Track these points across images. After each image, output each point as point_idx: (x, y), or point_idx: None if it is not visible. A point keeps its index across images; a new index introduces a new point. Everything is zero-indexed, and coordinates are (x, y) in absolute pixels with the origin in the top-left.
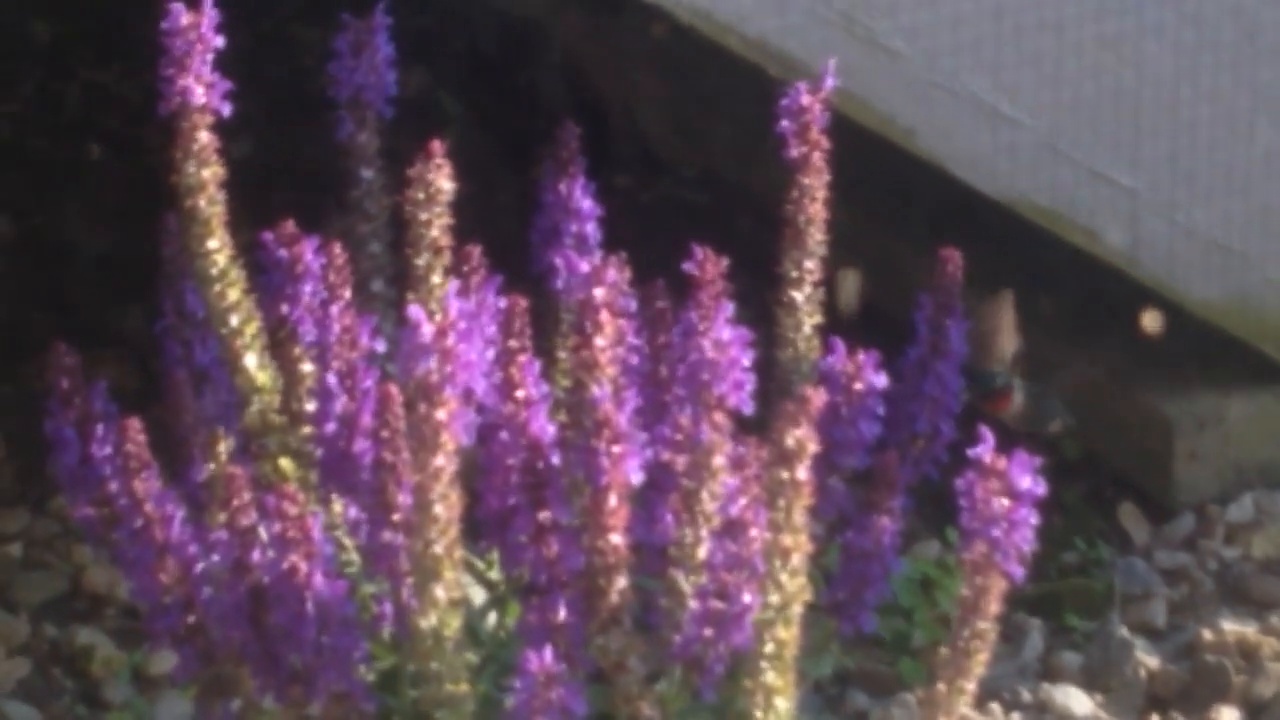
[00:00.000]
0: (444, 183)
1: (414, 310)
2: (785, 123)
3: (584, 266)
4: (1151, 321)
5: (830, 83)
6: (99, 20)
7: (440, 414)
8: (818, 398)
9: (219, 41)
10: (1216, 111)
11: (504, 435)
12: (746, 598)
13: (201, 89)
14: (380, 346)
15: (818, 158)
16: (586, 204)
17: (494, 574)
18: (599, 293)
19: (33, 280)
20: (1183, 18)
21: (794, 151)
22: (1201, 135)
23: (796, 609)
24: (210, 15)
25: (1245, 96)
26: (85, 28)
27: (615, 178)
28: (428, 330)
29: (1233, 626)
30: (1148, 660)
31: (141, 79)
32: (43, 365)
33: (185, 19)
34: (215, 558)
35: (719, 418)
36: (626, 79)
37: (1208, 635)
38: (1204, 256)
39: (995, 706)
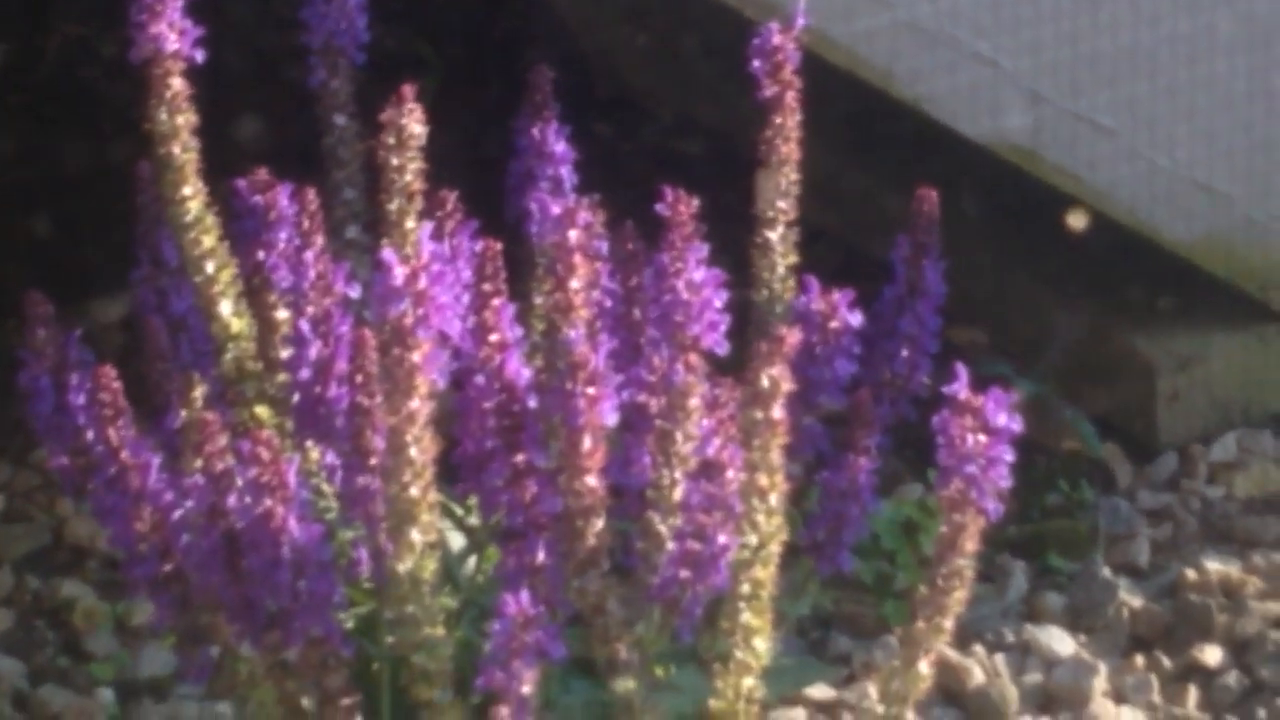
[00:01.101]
0: (416, 127)
1: (386, 253)
2: (757, 62)
3: (557, 209)
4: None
5: (801, 22)
6: None
7: (414, 357)
8: (792, 336)
9: None
10: (1197, 52)
11: (479, 379)
12: (723, 539)
13: (174, 36)
14: (355, 292)
15: (790, 97)
16: (560, 148)
17: (471, 518)
18: (572, 235)
19: (11, 233)
20: None
21: (766, 91)
22: (1181, 76)
23: (774, 549)
24: None
25: (1226, 37)
26: None
27: (595, 125)
28: (400, 273)
29: (1216, 566)
30: (1131, 600)
31: (121, 33)
32: (19, 317)
33: None
34: (191, 504)
35: (693, 359)
36: (604, 25)
37: (1191, 575)
38: (1185, 197)
39: (979, 648)
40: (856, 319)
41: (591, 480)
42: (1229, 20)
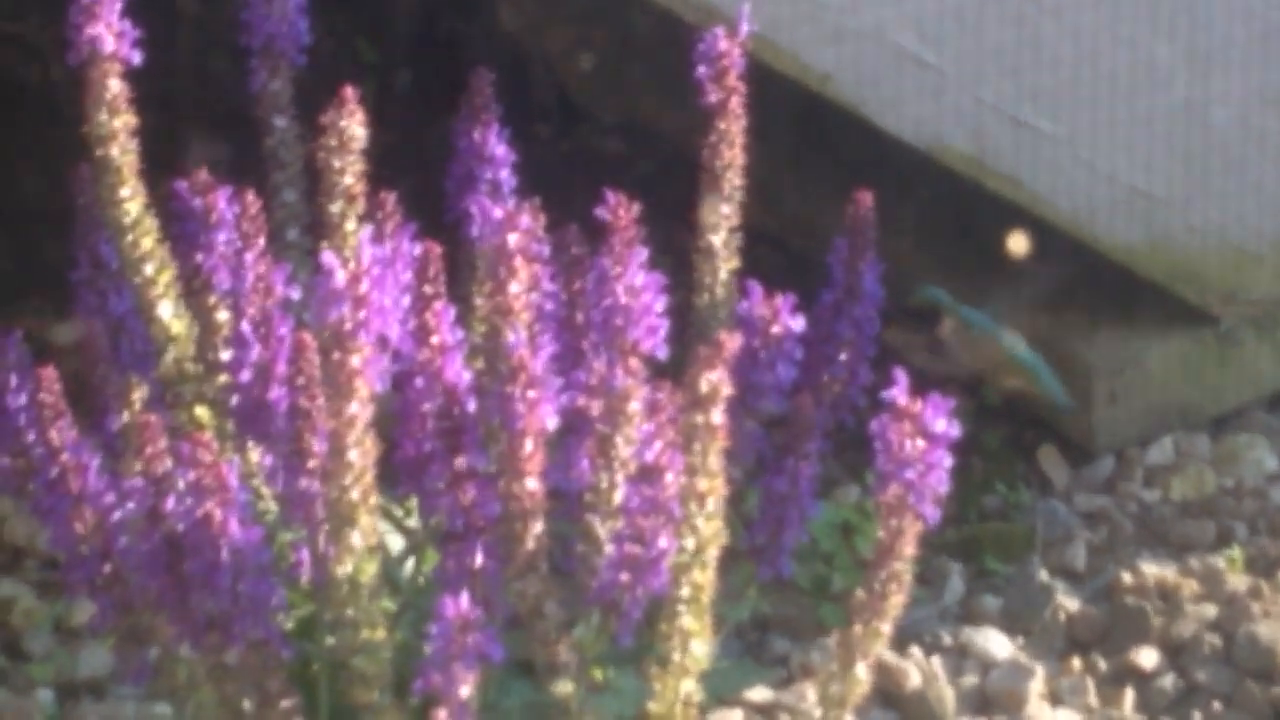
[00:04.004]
0: (357, 129)
1: (327, 257)
2: (702, 68)
3: (497, 213)
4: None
5: (746, 28)
6: None
7: (354, 360)
8: (732, 342)
9: None
10: (1136, 60)
11: (419, 382)
12: (662, 542)
13: (111, 37)
14: (295, 294)
15: (735, 103)
16: (500, 150)
17: (411, 521)
18: (513, 239)
19: None
20: None
21: (711, 97)
22: (1121, 83)
23: (713, 553)
24: None
25: (1164, 45)
26: None
27: (534, 127)
28: (341, 277)
29: (1152, 569)
30: (1068, 603)
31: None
32: None
33: None
34: (131, 506)
35: (633, 363)
36: (545, 27)
37: (1127, 578)
38: (1124, 202)
39: (915, 650)
40: (798, 324)
41: (531, 484)
42: (1170, 29)
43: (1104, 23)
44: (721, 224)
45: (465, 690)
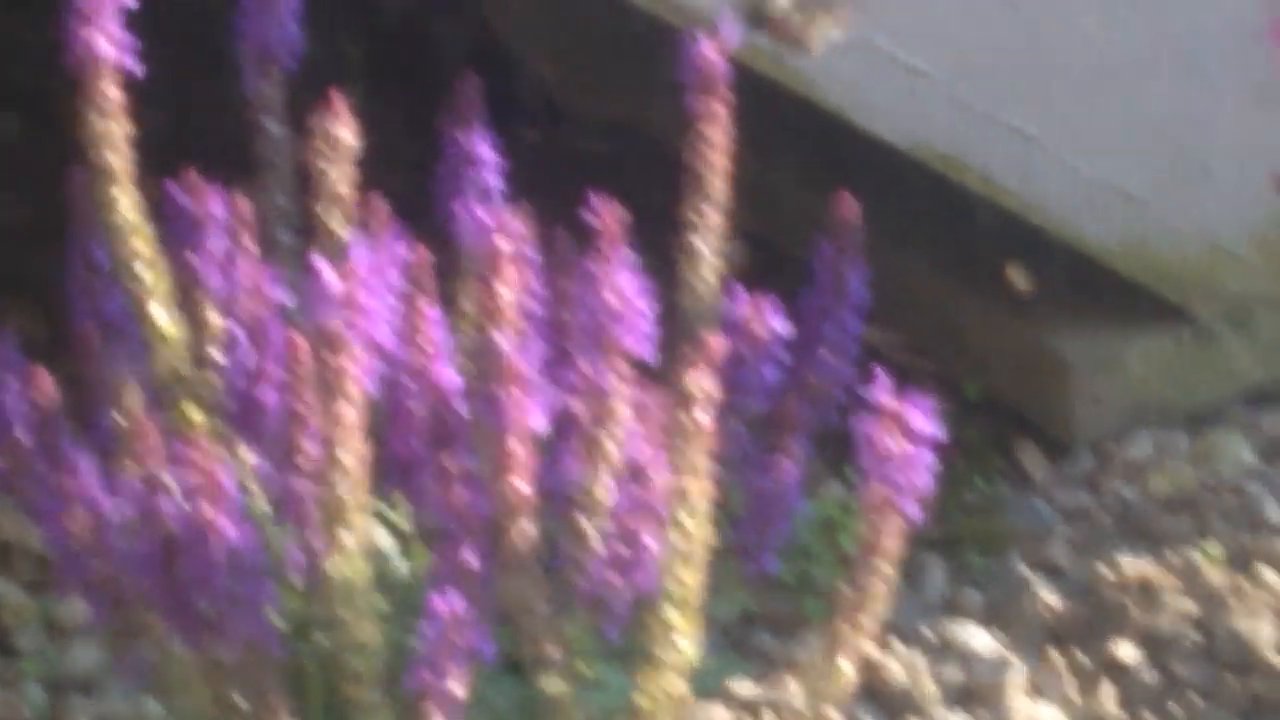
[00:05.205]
0: (346, 134)
1: (319, 261)
2: (687, 74)
3: (486, 217)
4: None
5: (729, 33)
6: None
7: (346, 363)
8: (718, 343)
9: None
10: (1115, 59)
11: (409, 383)
12: (650, 541)
13: (107, 43)
14: (286, 297)
15: (719, 109)
16: (488, 153)
17: (402, 520)
18: (501, 242)
19: None
20: None
21: (695, 102)
22: (1099, 83)
23: (700, 551)
24: None
25: (1143, 45)
26: None
27: (518, 128)
28: (333, 280)
29: (1132, 563)
30: (1048, 597)
31: (51, 29)
32: None
33: None
34: (125, 507)
35: (620, 365)
36: (527, 27)
37: (1107, 572)
38: (1102, 201)
39: (897, 643)
40: (783, 326)
41: (520, 484)
42: (1150, 35)
43: (1081, 22)
44: (706, 226)
45: (456, 687)
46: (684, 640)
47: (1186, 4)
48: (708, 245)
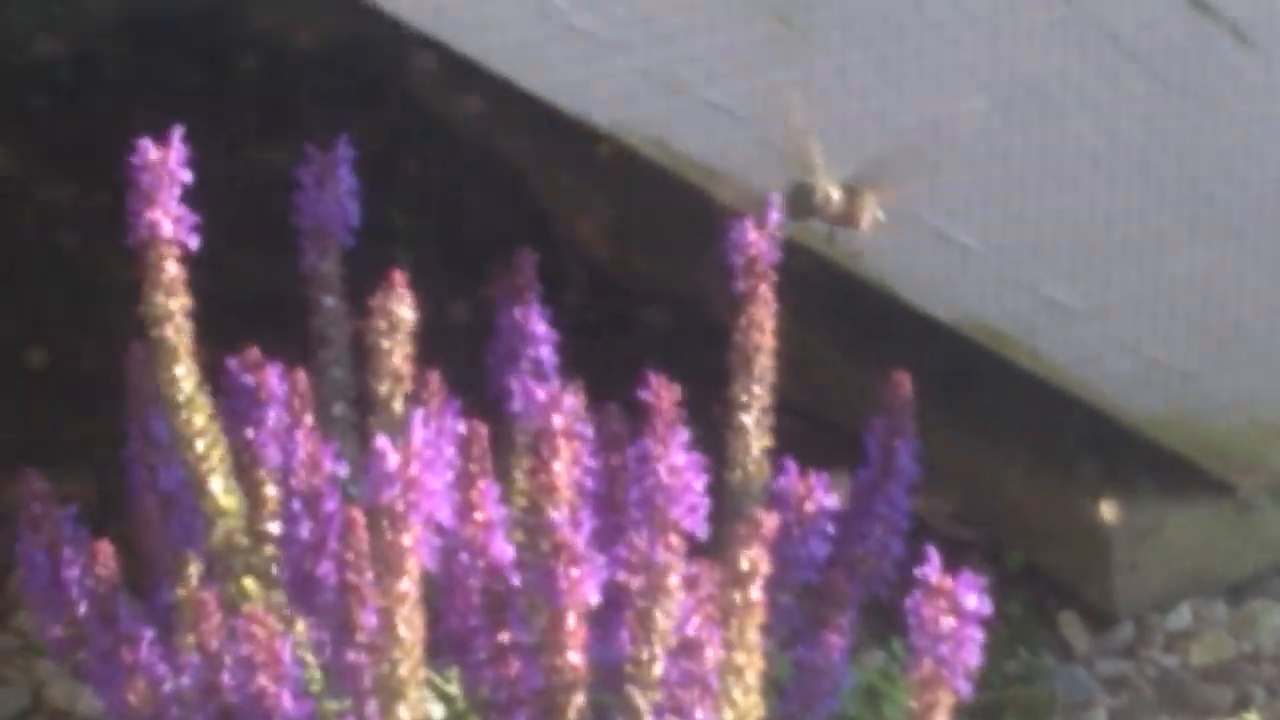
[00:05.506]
0: (405, 312)
1: (380, 440)
2: (732, 256)
3: (541, 394)
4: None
5: (775, 216)
6: (54, 140)
7: (405, 539)
8: (770, 521)
9: (187, 176)
10: (1154, 234)
11: (464, 557)
12: (701, 714)
13: (169, 222)
14: (343, 470)
15: (764, 290)
16: (542, 329)
17: (454, 690)
18: (557, 419)
19: None
20: (1117, 146)
21: (741, 284)
22: (1141, 256)
23: None
24: (179, 150)
25: (1181, 220)
26: (41, 148)
27: (565, 299)
28: (393, 459)
29: None
30: None
31: (98, 199)
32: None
33: (154, 154)
34: (185, 679)
35: (673, 540)
36: (574, 200)
37: None
38: (1144, 373)
39: None
40: (833, 502)
41: (573, 657)
42: (1188, 202)
43: (1120, 198)
44: (753, 404)
45: None
46: None
47: (1225, 165)
48: (756, 422)
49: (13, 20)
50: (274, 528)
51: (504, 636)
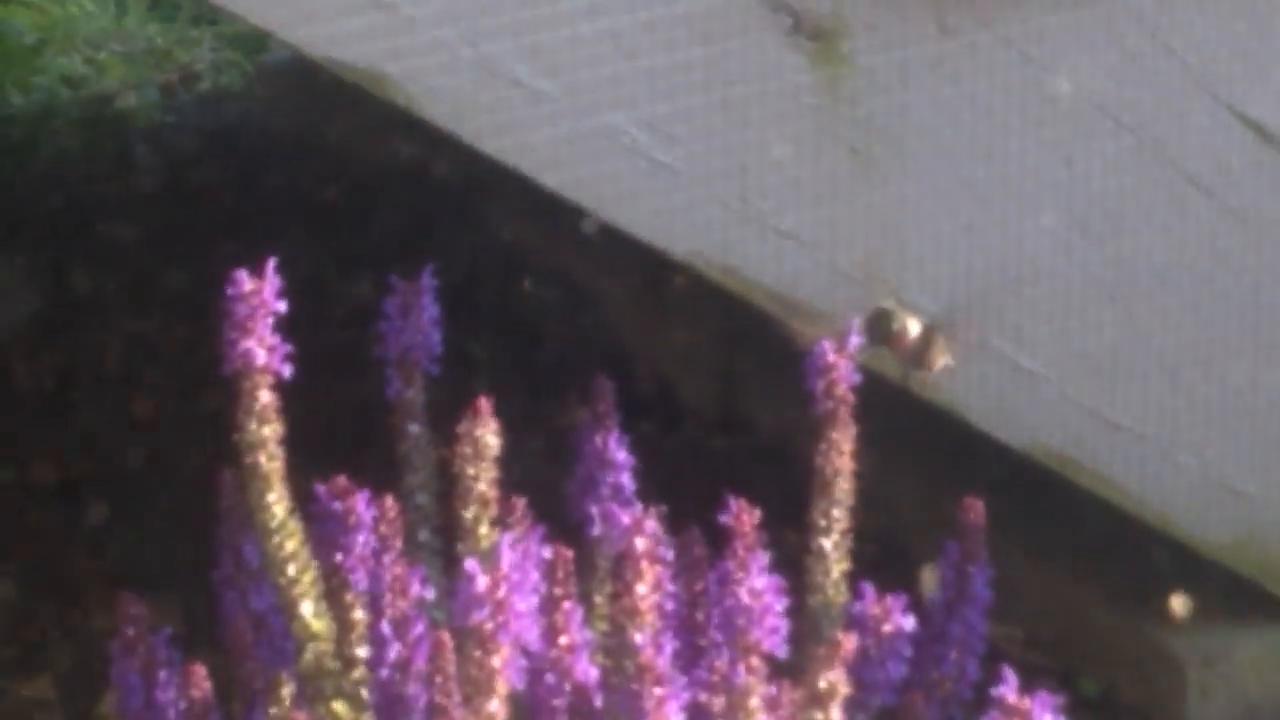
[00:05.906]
0: (490, 439)
1: (469, 563)
2: (812, 380)
3: (625, 519)
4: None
5: (855, 340)
6: (135, 269)
7: (494, 661)
8: (849, 642)
9: (281, 306)
10: (1221, 358)
11: (550, 678)
12: None
13: (263, 351)
14: (430, 595)
15: (844, 412)
16: (622, 455)
17: None
18: (639, 543)
19: (70, 521)
20: (1181, 269)
21: (820, 407)
22: (1207, 380)
23: None
24: (273, 281)
25: (1247, 343)
26: (123, 278)
27: (640, 424)
28: (483, 582)
29: None
30: None
31: (180, 329)
32: (95, 608)
33: (248, 285)
34: None
35: (754, 661)
36: (647, 326)
37: None
38: (1212, 497)
39: None
40: (910, 624)
41: None
42: (1254, 325)
43: (1185, 322)
44: (833, 527)
45: None
46: None
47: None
48: (835, 545)
49: (102, 152)
50: (363, 651)
51: None
